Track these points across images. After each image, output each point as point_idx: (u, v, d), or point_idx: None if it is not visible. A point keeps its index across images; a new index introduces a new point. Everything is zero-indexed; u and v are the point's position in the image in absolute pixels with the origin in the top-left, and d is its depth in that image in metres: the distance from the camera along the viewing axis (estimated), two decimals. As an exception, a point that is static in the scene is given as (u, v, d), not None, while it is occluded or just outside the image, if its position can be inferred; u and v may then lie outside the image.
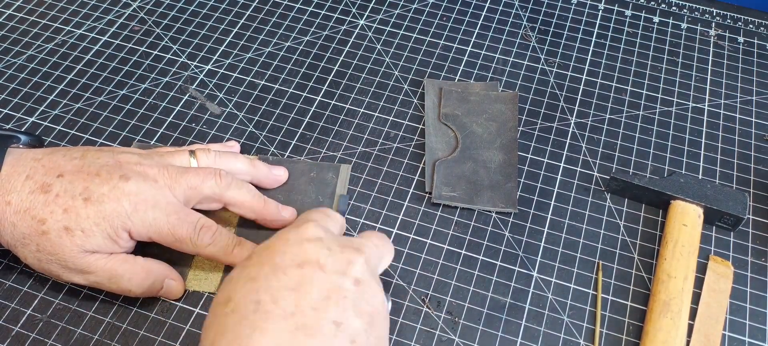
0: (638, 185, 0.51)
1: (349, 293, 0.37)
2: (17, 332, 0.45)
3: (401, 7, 0.67)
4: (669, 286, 0.46)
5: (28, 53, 0.62)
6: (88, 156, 0.45)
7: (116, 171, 0.44)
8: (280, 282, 0.36)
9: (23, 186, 0.42)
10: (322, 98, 0.59)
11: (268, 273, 0.37)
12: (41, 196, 0.42)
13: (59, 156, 0.44)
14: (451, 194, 0.52)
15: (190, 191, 0.45)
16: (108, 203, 0.42)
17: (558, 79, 0.61)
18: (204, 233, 0.45)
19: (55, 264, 0.43)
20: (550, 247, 0.50)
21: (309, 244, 0.38)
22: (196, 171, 0.46)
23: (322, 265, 0.37)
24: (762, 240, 0.51)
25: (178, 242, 0.44)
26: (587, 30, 0.66)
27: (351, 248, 0.39)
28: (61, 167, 0.44)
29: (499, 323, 0.46)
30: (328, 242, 0.39)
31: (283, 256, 0.38)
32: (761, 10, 0.67)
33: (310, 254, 0.38)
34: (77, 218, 0.42)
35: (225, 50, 0.63)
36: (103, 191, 0.43)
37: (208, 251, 0.45)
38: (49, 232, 0.42)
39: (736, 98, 0.60)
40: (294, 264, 0.37)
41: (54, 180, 0.43)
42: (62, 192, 0.42)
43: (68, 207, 0.42)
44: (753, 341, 0.46)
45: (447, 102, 0.58)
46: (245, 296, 0.36)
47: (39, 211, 0.42)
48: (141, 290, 0.45)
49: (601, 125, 0.58)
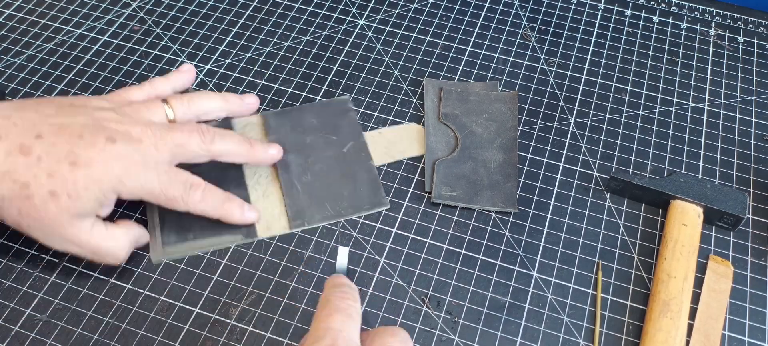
0: (638, 185, 0.51)
1: None
2: (17, 331, 0.45)
3: (401, 7, 0.67)
4: (669, 286, 0.46)
5: (28, 53, 0.62)
6: (63, 111, 0.43)
7: (100, 132, 0.42)
8: None
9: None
10: (322, 98, 0.59)
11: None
12: (21, 158, 0.40)
13: (30, 111, 0.42)
14: (450, 194, 0.52)
15: (177, 149, 0.45)
16: (97, 166, 0.41)
17: (558, 79, 0.61)
18: (194, 190, 0.45)
19: (39, 230, 0.42)
20: (549, 247, 0.50)
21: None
22: (181, 129, 0.46)
23: None
24: (762, 240, 0.51)
25: (169, 201, 0.45)
26: (587, 30, 0.66)
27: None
28: (37, 126, 0.42)
29: (499, 322, 0.46)
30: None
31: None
32: (761, 10, 0.67)
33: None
34: (64, 182, 0.41)
35: (225, 50, 0.63)
36: (90, 155, 0.41)
37: (199, 208, 0.46)
38: (33, 196, 0.40)
39: (736, 98, 0.60)
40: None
41: (33, 141, 0.41)
42: (45, 155, 0.41)
43: (53, 171, 0.41)
44: (753, 341, 0.46)
45: (447, 102, 0.58)
46: None
47: (21, 174, 0.40)
48: (124, 255, 0.46)
49: (600, 125, 0.58)
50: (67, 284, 0.47)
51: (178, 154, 0.45)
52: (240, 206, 0.49)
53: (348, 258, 0.46)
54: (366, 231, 0.50)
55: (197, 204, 0.46)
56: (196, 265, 0.48)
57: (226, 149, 0.48)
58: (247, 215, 0.49)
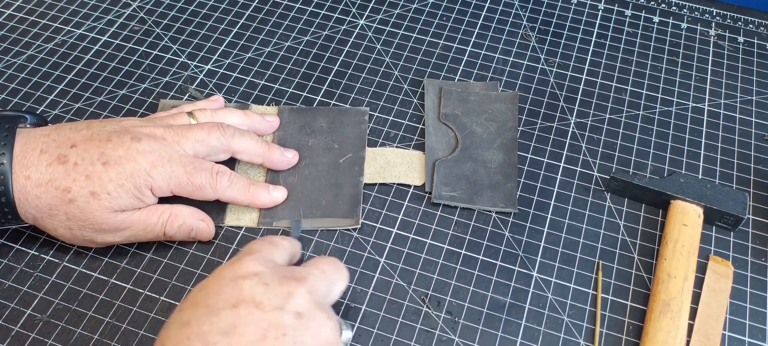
0: (638, 185, 0.51)
1: (288, 329, 0.35)
2: (17, 332, 0.45)
3: (401, 7, 0.67)
4: (669, 286, 0.46)
5: (28, 53, 0.62)
6: (93, 126, 0.47)
7: (126, 134, 0.46)
8: (213, 325, 0.34)
9: (40, 160, 0.44)
10: (322, 98, 0.59)
11: (201, 316, 0.35)
12: (60, 167, 0.44)
13: (67, 129, 0.46)
14: (451, 194, 0.52)
15: (198, 145, 0.48)
16: (126, 164, 0.44)
17: (558, 79, 0.61)
18: (221, 177, 0.47)
19: (89, 229, 0.45)
20: (550, 247, 0.50)
21: (244, 281, 0.36)
22: (201, 126, 0.49)
23: (259, 302, 0.35)
24: (762, 240, 0.51)
25: (198, 189, 0.47)
26: (587, 30, 0.66)
27: (292, 279, 0.37)
28: (71, 139, 0.45)
29: (499, 322, 0.46)
30: (267, 276, 0.37)
31: (217, 297, 0.36)
32: (761, 10, 0.67)
33: (244, 292, 0.36)
34: (100, 181, 0.44)
35: (225, 50, 0.63)
36: (119, 153, 0.44)
37: (228, 194, 0.48)
38: (76, 199, 0.43)
39: (736, 98, 0.60)
40: (228, 305, 0.35)
41: (68, 151, 0.44)
42: (80, 160, 0.44)
43: (90, 173, 0.44)
44: (753, 341, 0.46)
45: (447, 102, 0.58)
46: (178, 343, 0.34)
47: (61, 181, 0.44)
48: (173, 232, 0.47)
49: (601, 125, 0.58)
50: (67, 284, 0.47)
51: (200, 150, 0.48)
52: (265, 188, 0.50)
53: (299, 231, 0.48)
54: (366, 231, 0.50)
55: (225, 190, 0.48)
56: (197, 265, 0.48)
57: (245, 146, 0.50)
58: (273, 196, 0.51)
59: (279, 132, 0.55)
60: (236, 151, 0.50)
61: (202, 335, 0.34)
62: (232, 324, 0.34)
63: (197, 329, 0.34)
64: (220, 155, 0.50)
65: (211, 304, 0.35)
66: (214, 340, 0.34)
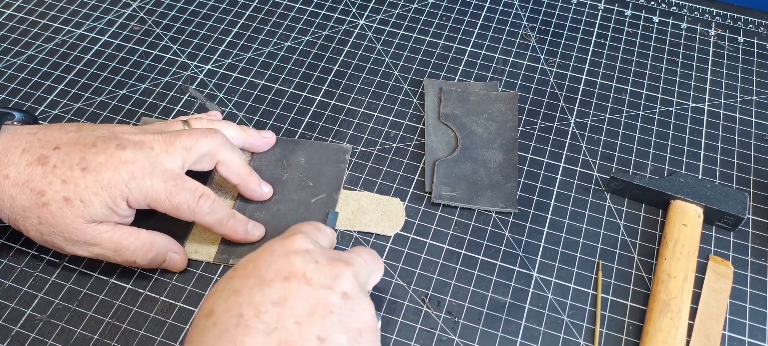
0: (638, 185, 0.51)
1: (335, 307, 0.36)
2: (17, 332, 0.45)
3: (401, 7, 0.67)
4: (669, 286, 0.46)
5: (28, 53, 0.62)
6: (83, 129, 0.45)
7: (112, 141, 0.44)
8: (264, 295, 0.35)
9: (20, 159, 0.43)
10: (322, 98, 0.59)
11: (252, 286, 0.36)
12: (39, 168, 0.42)
13: (55, 130, 0.45)
14: (451, 194, 0.52)
15: (186, 152, 0.46)
16: (105, 172, 0.43)
17: (558, 79, 0.61)
18: (203, 201, 0.45)
19: (59, 236, 0.43)
20: (550, 247, 0.50)
21: (296, 256, 0.37)
22: (190, 132, 0.47)
23: (309, 278, 0.36)
24: (762, 240, 0.51)
25: (175, 209, 0.45)
26: (587, 30, 0.66)
27: (340, 261, 0.38)
28: (57, 140, 0.44)
29: (499, 322, 0.46)
30: (316, 255, 0.38)
31: (269, 268, 0.37)
32: (761, 10, 0.67)
33: (296, 267, 0.37)
34: (76, 188, 0.42)
35: (225, 50, 0.63)
36: (100, 160, 0.43)
37: (205, 220, 0.46)
38: (49, 203, 0.42)
39: (736, 98, 0.60)
40: (280, 277, 0.36)
41: (50, 152, 0.43)
42: (59, 163, 0.43)
43: (66, 178, 0.42)
44: (753, 341, 0.46)
45: (447, 102, 0.58)
46: (228, 309, 0.35)
47: (37, 183, 0.42)
48: (145, 262, 0.46)
49: (601, 125, 0.58)
50: (67, 284, 0.47)
51: (188, 158, 0.46)
52: (244, 223, 0.48)
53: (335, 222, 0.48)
54: (366, 231, 0.50)
55: (204, 216, 0.45)
56: (196, 265, 0.48)
57: (231, 160, 0.48)
58: (251, 233, 0.48)
59: (254, 161, 0.53)
60: (221, 162, 0.48)
61: (254, 304, 0.35)
62: (283, 296, 0.35)
63: (249, 298, 0.35)
64: (206, 164, 0.48)
65: (263, 275, 0.36)
66: (265, 309, 0.34)
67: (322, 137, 0.56)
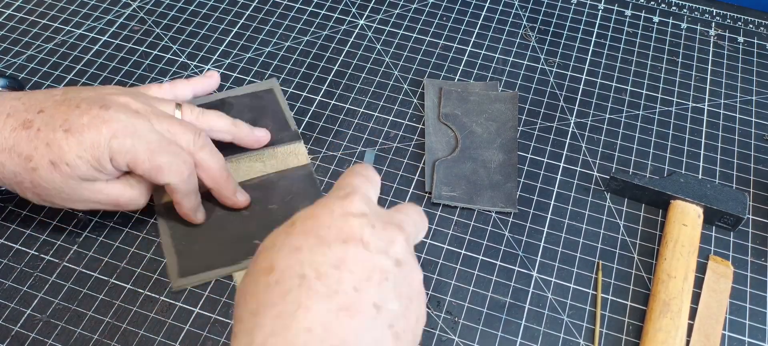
0: (638, 185, 0.51)
1: (390, 274, 0.36)
2: (17, 332, 0.45)
3: (401, 7, 0.67)
4: (669, 286, 0.46)
5: (28, 53, 0.62)
6: (70, 92, 0.45)
7: (97, 102, 0.44)
8: (325, 257, 0.35)
9: (4, 125, 0.42)
10: (321, 98, 0.59)
11: (312, 246, 0.36)
12: (23, 132, 0.42)
13: (40, 94, 0.44)
14: (451, 194, 0.52)
15: (168, 135, 0.46)
16: (87, 133, 0.42)
17: (558, 79, 0.61)
18: (187, 167, 0.45)
19: (57, 197, 0.44)
20: (549, 247, 0.50)
21: (354, 219, 0.37)
22: (180, 122, 0.47)
23: (366, 242, 0.36)
24: (762, 240, 0.51)
25: (155, 169, 0.44)
26: (587, 30, 0.66)
27: (393, 225, 0.38)
28: (41, 103, 0.43)
29: (499, 322, 0.46)
30: (373, 219, 0.37)
31: (329, 229, 0.36)
32: (761, 10, 0.67)
33: (355, 230, 0.36)
34: (60, 150, 0.42)
35: (225, 50, 0.63)
36: (83, 122, 0.42)
37: (184, 187, 0.46)
38: (38, 168, 0.42)
39: (736, 98, 0.60)
40: (339, 239, 0.36)
41: (34, 116, 0.43)
42: (43, 126, 0.42)
43: (50, 141, 0.42)
44: (753, 341, 0.46)
45: (447, 102, 0.58)
46: (290, 267, 0.35)
47: (24, 147, 0.42)
48: (144, 200, 0.47)
49: (601, 125, 0.58)
50: (67, 284, 0.47)
51: (169, 140, 0.46)
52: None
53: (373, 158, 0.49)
54: (366, 231, 0.50)
55: (183, 183, 0.46)
56: (196, 265, 0.48)
57: (209, 164, 0.48)
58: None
59: None
60: (199, 164, 0.47)
61: (316, 265, 0.35)
62: (342, 259, 0.35)
63: (309, 258, 0.35)
64: None
65: (323, 235, 0.36)
66: (326, 271, 0.34)
67: (322, 137, 0.56)
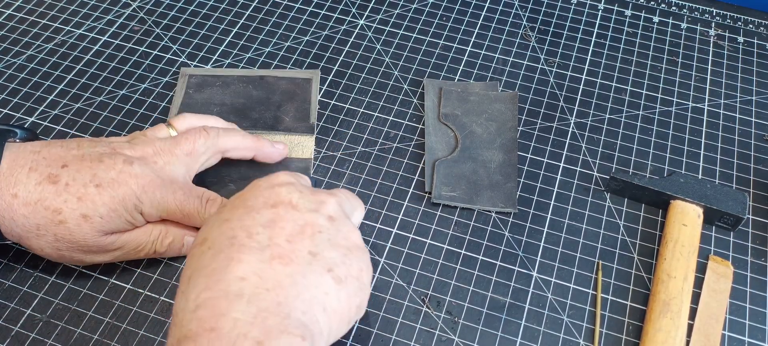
0: (638, 185, 0.51)
1: (322, 228, 0.38)
2: (17, 332, 0.45)
3: (401, 7, 0.67)
4: (669, 286, 0.46)
5: (28, 53, 0.62)
6: (84, 146, 0.46)
7: (118, 156, 0.45)
8: (254, 220, 0.37)
9: (28, 178, 0.43)
10: (321, 98, 0.59)
11: (241, 214, 0.38)
12: (50, 186, 0.43)
13: (57, 147, 0.45)
14: (450, 194, 0.52)
15: (188, 158, 0.47)
16: (119, 188, 0.43)
17: (558, 79, 0.61)
18: (210, 205, 0.46)
19: (77, 251, 0.44)
20: (549, 247, 0.50)
21: (280, 187, 0.40)
22: (185, 136, 0.48)
23: (295, 204, 0.39)
24: (762, 240, 0.51)
25: (186, 217, 0.46)
26: (587, 30, 0.66)
27: (322, 192, 0.41)
28: (62, 158, 0.44)
29: (499, 323, 0.46)
30: (300, 186, 0.40)
31: (256, 199, 0.39)
32: (761, 10, 0.67)
33: (282, 196, 0.39)
34: (93, 204, 0.43)
35: (225, 50, 0.63)
36: (111, 176, 0.44)
37: None
38: (67, 221, 0.42)
39: (736, 98, 0.60)
40: (267, 205, 0.38)
41: (59, 170, 0.43)
42: (71, 181, 0.43)
43: (82, 195, 0.43)
44: (753, 341, 0.46)
45: (447, 102, 0.58)
46: (220, 234, 0.37)
47: (52, 201, 0.42)
48: (163, 248, 0.47)
49: (601, 125, 0.58)
50: (67, 284, 0.47)
51: (191, 164, 0.47)
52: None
53: None
54: (366, 231, 0.50)
55: None
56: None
57: (233, 143, 0.50)
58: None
59: None
60: (225, 150, 0.50)
61: (246, 227, 0.37)
62: (272, 219, 0.38)
63: (239, 223, 0.37)
64: (212, 160, 0.50)
65: (251, 205, 0.39)
66: (256, 231, 0.37)
67: (322, 137, 0.56)
